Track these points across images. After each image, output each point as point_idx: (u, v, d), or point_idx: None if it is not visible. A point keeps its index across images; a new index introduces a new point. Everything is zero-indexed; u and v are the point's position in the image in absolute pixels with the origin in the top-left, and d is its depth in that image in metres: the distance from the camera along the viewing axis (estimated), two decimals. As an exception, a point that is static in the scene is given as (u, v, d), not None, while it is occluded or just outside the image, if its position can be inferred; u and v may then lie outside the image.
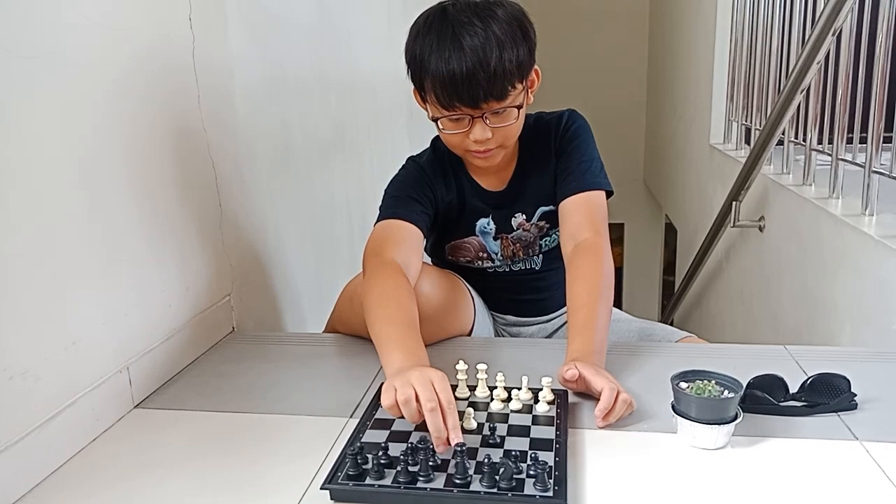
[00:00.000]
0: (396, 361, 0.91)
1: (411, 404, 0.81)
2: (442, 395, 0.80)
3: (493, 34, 1.02)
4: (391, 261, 1.08)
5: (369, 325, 1.01)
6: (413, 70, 1.09)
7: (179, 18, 1.16)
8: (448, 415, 0.79)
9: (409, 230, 1.15)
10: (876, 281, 1.40)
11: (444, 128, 1.11)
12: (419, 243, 1.16)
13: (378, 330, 0.99)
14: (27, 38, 0.82)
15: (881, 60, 1.44)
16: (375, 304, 1.02)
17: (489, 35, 1.02)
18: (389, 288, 1.03)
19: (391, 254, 1.09)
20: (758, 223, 2.26)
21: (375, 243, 1.13)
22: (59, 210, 0.88)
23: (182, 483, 0.81)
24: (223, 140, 1.29)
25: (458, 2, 1.07)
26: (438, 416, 0.79)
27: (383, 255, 1.09)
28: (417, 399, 0.80)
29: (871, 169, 1.49)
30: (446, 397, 0.80)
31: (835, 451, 0.83)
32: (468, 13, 1.04)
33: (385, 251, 1.10)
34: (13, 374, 0.79)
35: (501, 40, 1.02)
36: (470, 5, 1.05)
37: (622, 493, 0.76)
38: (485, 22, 1.02)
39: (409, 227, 1.15)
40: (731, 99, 2.92)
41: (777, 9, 2.29)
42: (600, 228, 1.14)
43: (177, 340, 1.12)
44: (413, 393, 0.80)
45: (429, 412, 0.79)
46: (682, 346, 1.21)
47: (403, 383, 0.82)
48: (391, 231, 1.15)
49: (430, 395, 0.79)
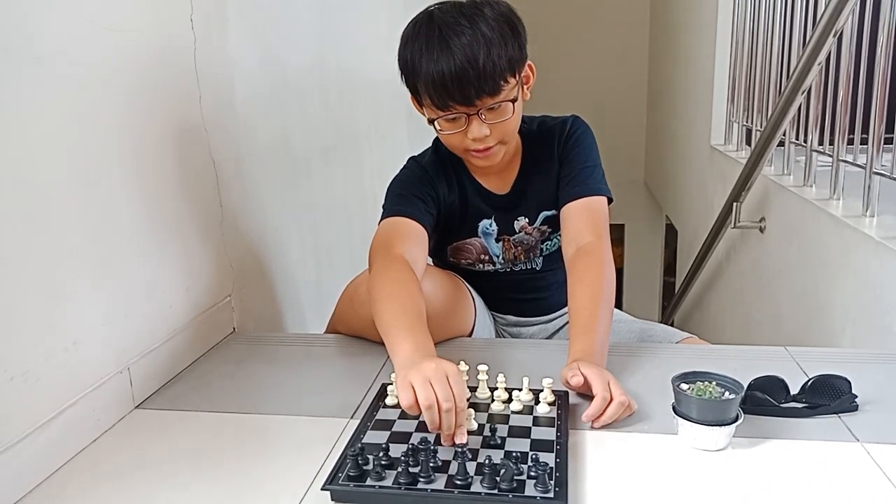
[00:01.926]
0: (405, 351, 0.90)
1: (434, 411, 0.79)
2: (457, 392, 0.81)
3: (480, 32, 1.03)
4: (399, 256, 1.08)
5: (377, 317, 1.00)
6: (406, 76, 1.10)
7: (180, 20, 1.16)
8: (460, 414, 0.81)
9: (414, 227, 1.15)
10: (877, 282, 1.40)
11: (442, 129, 1.11)
12: (424, 241, 1.16)
13: (387, 321, 0.98)
14: (29, 40, 0.82)
15: (882, 62, 1.44)
16: (385, 298, 1.01)
17: (476, 33, 1.02)
18: (399, 282, 1.03)
19: (399, 249, 1.09)
20: (758, 224, 2.26)
21: (382, 239, 1.13)
22: (60, 210, 0.88)
23: (182, 484, 0.81)
24: (224, 141, 1.29)
25: (444, 4, 1.08)
26: (453, 416, 0.80)
27: (391, 251, 1.09)
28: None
29: (872, 170, 1.49)
30: (460, 393, 0.81)
31: (836, 453, 0.83)
32: (454, 14, 1.05)
33: (393, 246, 1.10)
34: (14, 374, 0.79)
35: (489, 37, 1.03)
36: (456, 7, 1.06)
37: (623, 494, 0.76)
38: (471, 21, 1.04)
39: (414, 224, 1.15)
40: (731, 100, 2.92)
41: (778, 10, 2.29)
42: (602, 233, 1.15)
43: (177, 341, 1.12)
44: (434, 397, 0.79)
45: (445, 413, 0.79)
46: (682, 348, 1.21)
47: (422, 383, 0.81)
48: (397, 228, 1.15)
49: (448, 395, 0.80)
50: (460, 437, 0.81)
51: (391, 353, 0.93)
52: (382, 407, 0.93)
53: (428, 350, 0.90)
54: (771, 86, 2.35)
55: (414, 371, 0.83)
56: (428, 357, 0.86)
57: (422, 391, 0.80)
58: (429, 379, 0.81)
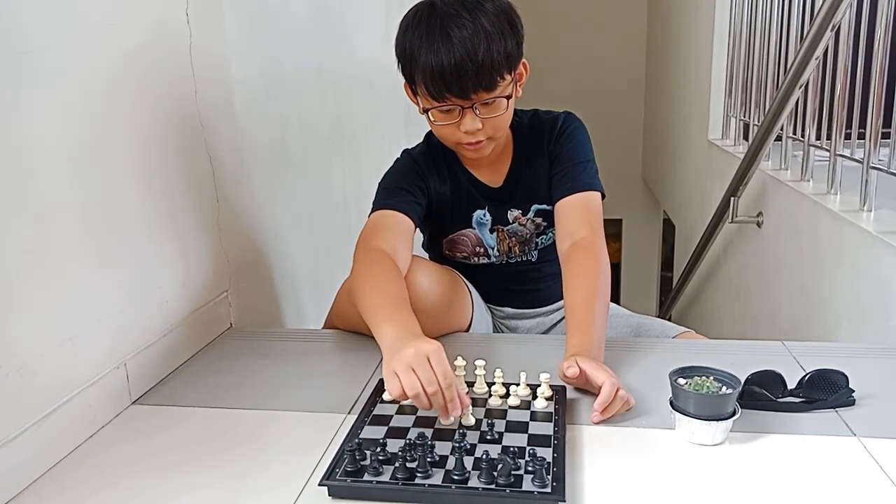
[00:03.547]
0: (389, 336, 0.91)
1: (422, 396, 0.82)
2: (439, 372, 0.82)
3: (481, 26, 1.03)
4: (377, 247, 1.10)
5: (359, 306, 1.02)
6: (403, 64, 1.10)
7: (176, 12, 1.15)
8: (446, 391, 0.82)
9: (398, 219, 1.17)
10: (873, 276, 1.40)
11: (435, 119, 1.12)
12: (408, 231, 1.17)
13: (367, 306, 1.00)
14: (23, 33, 0.82)
15: (879, 56, 1.44)
16: (365, 289, 1.03)
17: (477, 27, 1.03)
18: (376, 272, 1.05)
19: (377, 242, 1.11)
20: (756, 219, 2.26)
21: (364, 235, 1.15)
22: (55, 205, 0.87)
23: (180, 479, 0.81)
24: (220, 135, 1.29)
25: None
26: (440, 396, 0.82)
27: (369, 245, 1.11)
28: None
29: (870, 164, 1.49)
30: (443, 372, 0.82)
31: (832, 448, 0.83)
32: (456, 6, 1.05)
33: (371, 240, 1.12)
34: (10, 370, 0.79)
35: (490, 32, 1.03)
36: None
37: (620, 489, 0.76)
38: (473, 14, 1.04)
39: (398, 216, 1.17)
40: (729, 94, 2.92)
41: (775, 4, 2.29)
42: (596, 227, 1.16)
43: (174, 336, 1.12)
44: (419, 383, 0.81)
45: (431, 396, 0.81)
46: (679, 342, 1.21)
47: (405, 370, 0.82)
48: (380, 221, 1.17)
49: (430, 378, 0.81)
50: (454, 409, 0.83)
51: (378, 341, 0.94)
52: (380, 402, 0.93)
53: (411, 329, 0.92)
54: (768, 80, 2.35)
55: (395, 359, 0.84)
56: (409, 340, 0.87)
57: (406, 379, 0.82)
58: (410, 365, 0.82)
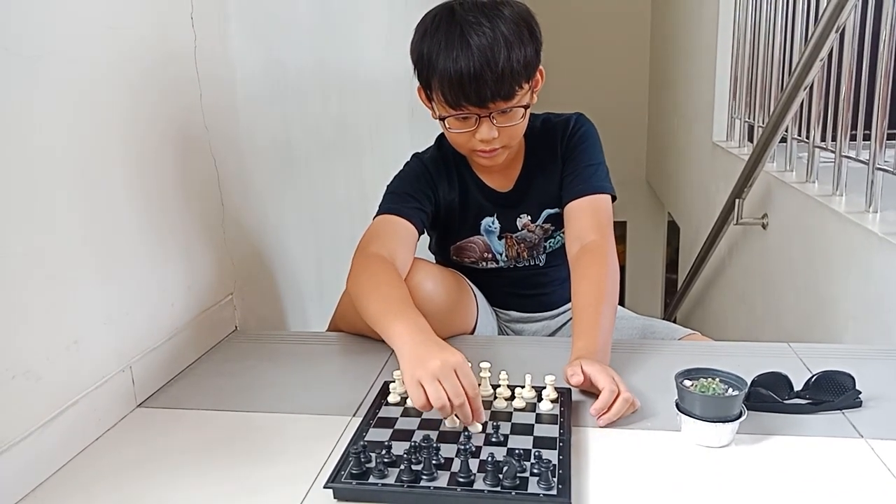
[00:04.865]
0: (403, 334, 0.91)
1: (447, 409, 0.82)
2: (466, 384, 0.83)
3: (500, 34, 1.02)
4: (374, 253, 1.10)
5: (362, 309, 1.02)
6: (420, 69, 1.09)
7: (181, 18, 1.16)
8: (473, 402, 0.84)
9: (400, 225, 1.16)
10: (880, 278, 1.40)
11: (451, 127, 1.11)
12: (410, 237, 1.17)
13: (371, 307, 1.00)
14: (28, 38, 0.82)
15: (885, 57, 1.44)
16: (365, 293, 1.03)
17: (497, 35, 1.02)
18: (375, 274, 1.05)
19: (375, 248, 1.11)
20: (761, 221, 2.25)
21: (364, 239, 1.15)
22: (61, 209, 0.88)
23: (185, 482, 0.81)
24: (225, 139, 1.29)
25: (466, 1, 1.07)
26: (467, 407, 0.83)
27: (367, 250, 1.11)
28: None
29: (875, 166, 1.49)
30: (470, 384, 0.84)
31: (839, 449, 0.83)
32: (476, 13, 1.04)
33: (370, 245, 1.12)
34: (15, 373, 0.79)
35: (509, 40, 1.02)
36: (477, 5, 1.05)
37: (626, 491, 0.76)
38: (492, 22, 1.03)
39: (402, 221, 1.16)
40: (733, 96, 2.91)
41: (780, 6, 2.29)
42: (606, 231, 1.15)
43: (179, 339, 1.12)
44: (446, 397, 0.82)
45: (458, 407, 0.82)
46: (685, 344, 1.21)
47: (431, 381, 0.83)
48: (381, 227, 1.17)
49: (458, 391, 0.83)
50: (479, 418, 0.85)
51: (389, 341, 0.94)
52: (385, 405, 0.93)
53: (423, 328, 0.92)
54: (773, 82, 2.35)
55: (421, 370, 0.84)
56: (432, 349, 0.87)
57: (432, 390, 0.82)
58: (437, 377, 0.83)
